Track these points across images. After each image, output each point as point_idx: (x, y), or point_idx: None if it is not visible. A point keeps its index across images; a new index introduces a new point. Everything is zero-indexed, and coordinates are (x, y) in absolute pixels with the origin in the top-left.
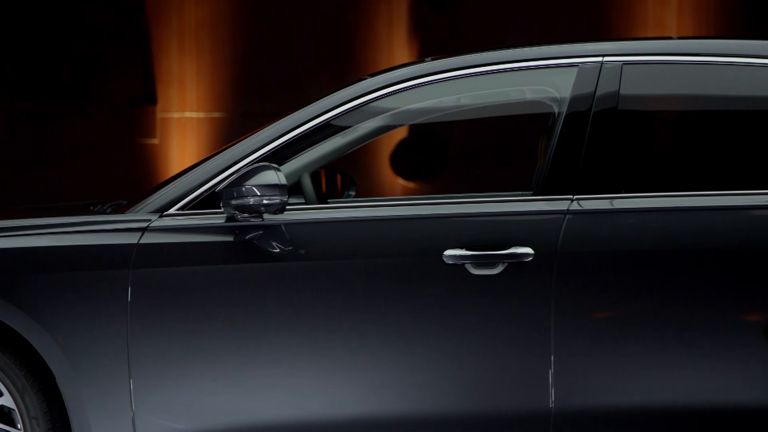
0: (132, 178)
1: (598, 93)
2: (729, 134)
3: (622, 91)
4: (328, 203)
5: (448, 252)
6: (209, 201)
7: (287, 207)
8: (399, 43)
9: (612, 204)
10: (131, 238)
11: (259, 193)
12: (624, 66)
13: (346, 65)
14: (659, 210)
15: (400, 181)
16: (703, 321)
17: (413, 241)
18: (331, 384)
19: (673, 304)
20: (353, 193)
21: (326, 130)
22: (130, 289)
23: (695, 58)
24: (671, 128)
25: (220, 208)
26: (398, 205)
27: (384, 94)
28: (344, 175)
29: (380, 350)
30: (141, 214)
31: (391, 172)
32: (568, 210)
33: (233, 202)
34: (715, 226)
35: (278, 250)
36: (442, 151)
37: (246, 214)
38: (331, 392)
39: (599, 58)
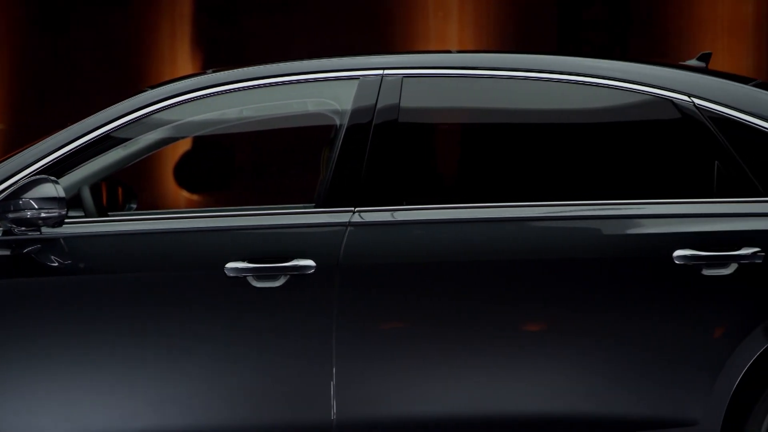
0: None
1: (378, 105)
2: (507, 146)
3: (402, 104)
4: (108, 216)
5: (230, 265)
6: None
7: (66, 220)
8: (183, 55)
9: (393, 216)
10: None
11: (36, 206)
12: (404, 79)
13: (129, 77)
14: (440, 222)
15: (184, 194)
16: (483, 331)
17: (195, 254)
18: (111, 399)
19: (453, 315)
20: (135, 206)
21: (106, 141)
22: None
23: (474, 72)
24: (451, 141)
25: None
26: (180, 218)
27: (165, 106)
28: (125, 187)
29: (162, 364)
30: None
31: (175, 184)
32: (349, 222)
33: (10, 215)
34: (495, 237)
35: (57, 264)
36: (226, 163)
37: (23, 228)
38: (111, 408)
39: (380, 71)
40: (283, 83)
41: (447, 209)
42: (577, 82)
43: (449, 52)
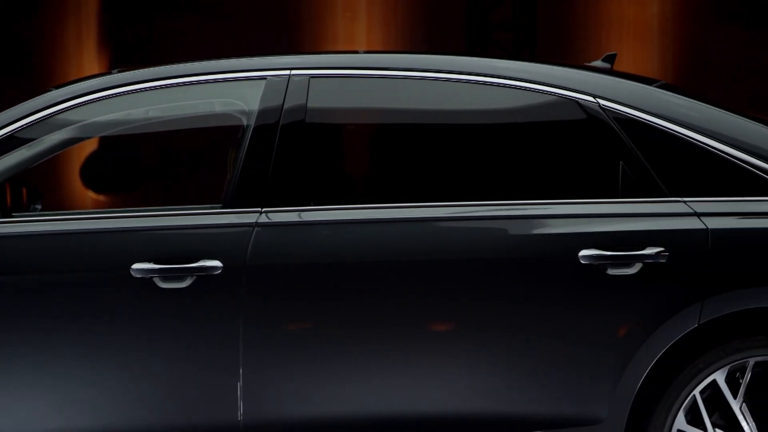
0: None
1: (286, 106)
2: (415, 147)
3: (309, 104)
4: (12, 217)
5: (136, 266)
6: None
7: None
8: (89, 55)
9: (300, 216)
10: None
11: None
12: (311, 79)
13: (34, 77)
14: (347, 222)
15: (91, 194)
16: (390, 331)
17: (101, 255)
18: (17, 401)
19: (360, 315)
20: (40, 207)
21: (10, 142)
22: None
23: (382, 72)
24: (359, 141)
25: None
26: (86, 219)
27: (70, 106)
28: (30, 188)
29: (69, 365)
30: None
31: (81, 184)
32: (256, 223)
33: None
34: (402, 238)
35: None
36: (132, 163)
37: None
38: (16, 410)
39: (287, 72)
40: (190, 83)
41: (354, 209)
42: (484, 83)
43: (356, 52)
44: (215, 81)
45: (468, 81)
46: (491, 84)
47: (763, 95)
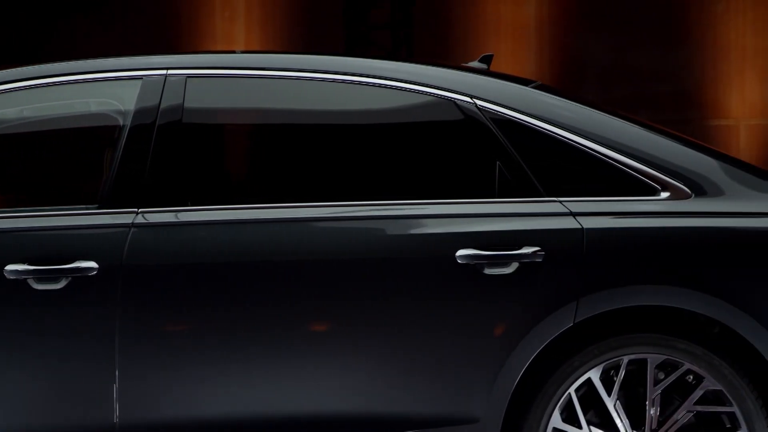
0: None
1: (162, 106)
2: (293, 147)
3: (186, 104)
4: None
5: (9, 267)
6: None
7: None
8: None
9: (177, 217)
10: None
11: None
12: (188, 79)
13: None
14: (224, 223)
15: None
16: (268, 332)
17: None
18: None
19: (237, 316)
20: None
21: None
22: None
23: (259, 72)
24: (237, 141)
25: None
26: None
27: None
28: None
29: None
30: None
31: None
32: (132, 223)
33: None
34: (279, 238)
35: None
36: (5, 164)
37: None
38: None
39: (163, 71)
40: (64, 83)
41: (231, 210)
42: (362, 83)
43: (234, 52)
44: (90, 81)
45: (346, 81)
46: (369, 84)
47: (636, 97)
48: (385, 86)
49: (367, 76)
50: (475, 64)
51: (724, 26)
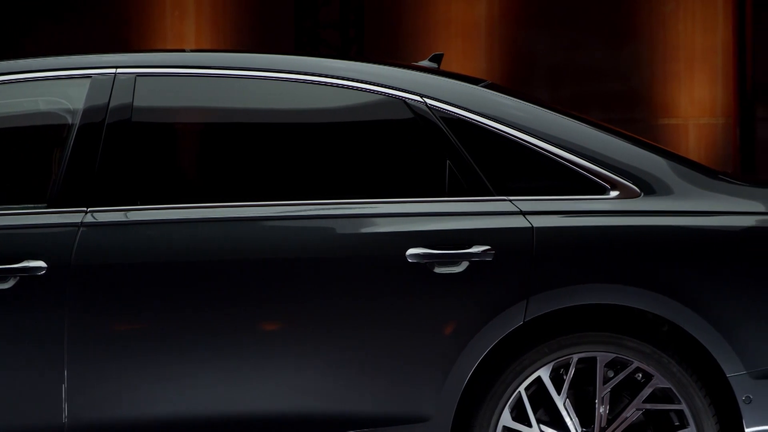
0: None
1: (111, 104)
2: (242, 146)
3: (136, 103)
4: None
5: None
6: None
7: None
8: None
9: (127, 216)
10: None
11: None
12: (138, 78)
13: None
14: (174, 222)
15: None
16: (216, 331)
17: None
18: None
19: (187, 315)
20: None
21: None
22: None
23: (209, 71)
24: (186, 140)
25: None
26: None
27: None
28: None
29: None
30: None
31: None
32: (81, 222)
33: None
34: (230, 237)
35: None
36: None
37: None
38: None
39: (113, 70)
40: (12, 81)
41: (181, 209)
42: (312, 82)
43: (184, 51)
44: (39, 79)
45: (296, 80)
46: (319, 83)
47: (586, 96)
48: (336, 85)
49: (318, 75)
50: (425, 63)
51: (673, 26)
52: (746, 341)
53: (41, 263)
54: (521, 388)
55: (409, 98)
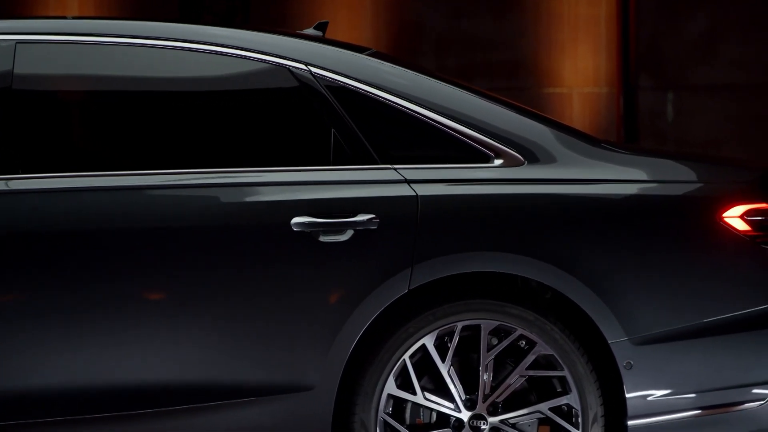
0: None
1: None
2: (125, 114)
3: (16, 70)
4: None
5: None
6: None
7: None
8: None
9: (8, 185)
10: None
11: None
12: (18, 45)
13: None
14: (56, 191)
15: None
16: (102, 301)
17: None
18: None
19: (69, 285)
20: None
21: None
22: None
23: (90, 39)
24: (69, 108)
25: None
26: None
27: None
28: None
29: None
30: None
31: None
32: None
33: None
34: (113, 206)
35: None
36: None
37: None
38: None
39: None
40: None
41: (63, 177)
42: (196, 50)
43: (65, 18)
44: None
45: (180, 48)
46: (202, 51)
47: (471, 65)
48: (220, 53)
49: (201, 42)
50: (310, 31)
51: None
52: (627, 308)
53: None
54: (406, 356)
55: (293, 66)
